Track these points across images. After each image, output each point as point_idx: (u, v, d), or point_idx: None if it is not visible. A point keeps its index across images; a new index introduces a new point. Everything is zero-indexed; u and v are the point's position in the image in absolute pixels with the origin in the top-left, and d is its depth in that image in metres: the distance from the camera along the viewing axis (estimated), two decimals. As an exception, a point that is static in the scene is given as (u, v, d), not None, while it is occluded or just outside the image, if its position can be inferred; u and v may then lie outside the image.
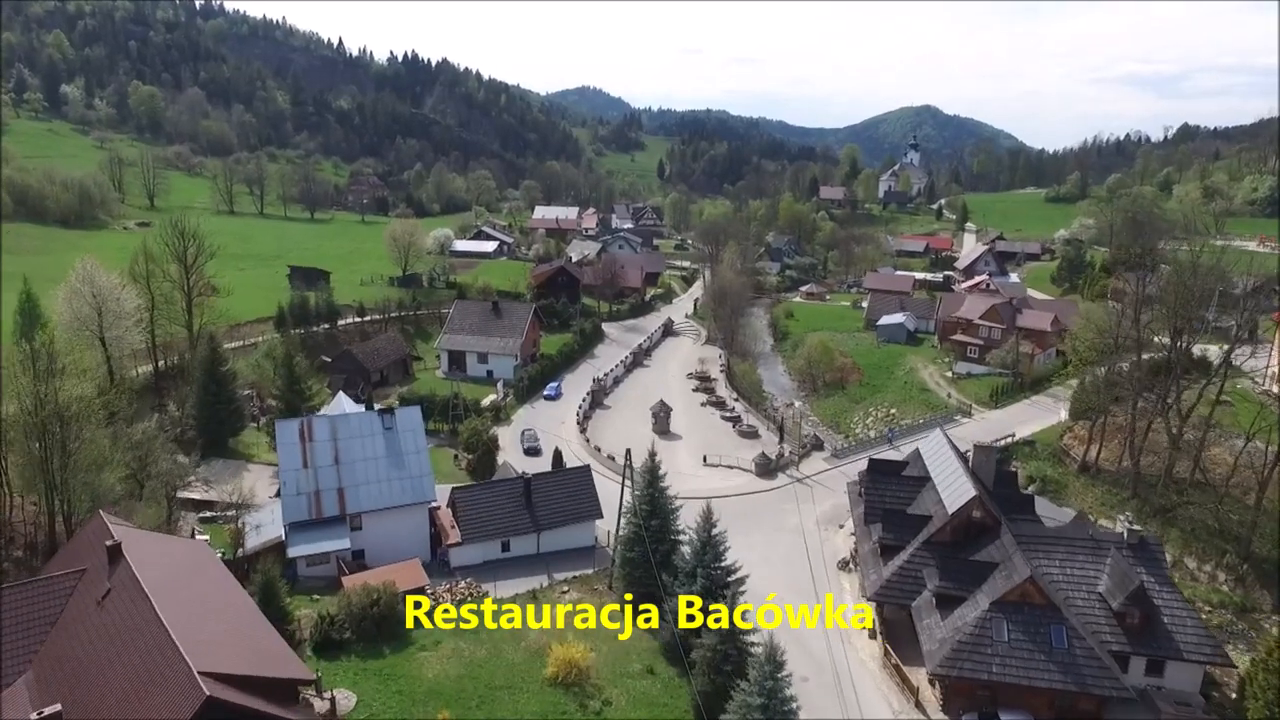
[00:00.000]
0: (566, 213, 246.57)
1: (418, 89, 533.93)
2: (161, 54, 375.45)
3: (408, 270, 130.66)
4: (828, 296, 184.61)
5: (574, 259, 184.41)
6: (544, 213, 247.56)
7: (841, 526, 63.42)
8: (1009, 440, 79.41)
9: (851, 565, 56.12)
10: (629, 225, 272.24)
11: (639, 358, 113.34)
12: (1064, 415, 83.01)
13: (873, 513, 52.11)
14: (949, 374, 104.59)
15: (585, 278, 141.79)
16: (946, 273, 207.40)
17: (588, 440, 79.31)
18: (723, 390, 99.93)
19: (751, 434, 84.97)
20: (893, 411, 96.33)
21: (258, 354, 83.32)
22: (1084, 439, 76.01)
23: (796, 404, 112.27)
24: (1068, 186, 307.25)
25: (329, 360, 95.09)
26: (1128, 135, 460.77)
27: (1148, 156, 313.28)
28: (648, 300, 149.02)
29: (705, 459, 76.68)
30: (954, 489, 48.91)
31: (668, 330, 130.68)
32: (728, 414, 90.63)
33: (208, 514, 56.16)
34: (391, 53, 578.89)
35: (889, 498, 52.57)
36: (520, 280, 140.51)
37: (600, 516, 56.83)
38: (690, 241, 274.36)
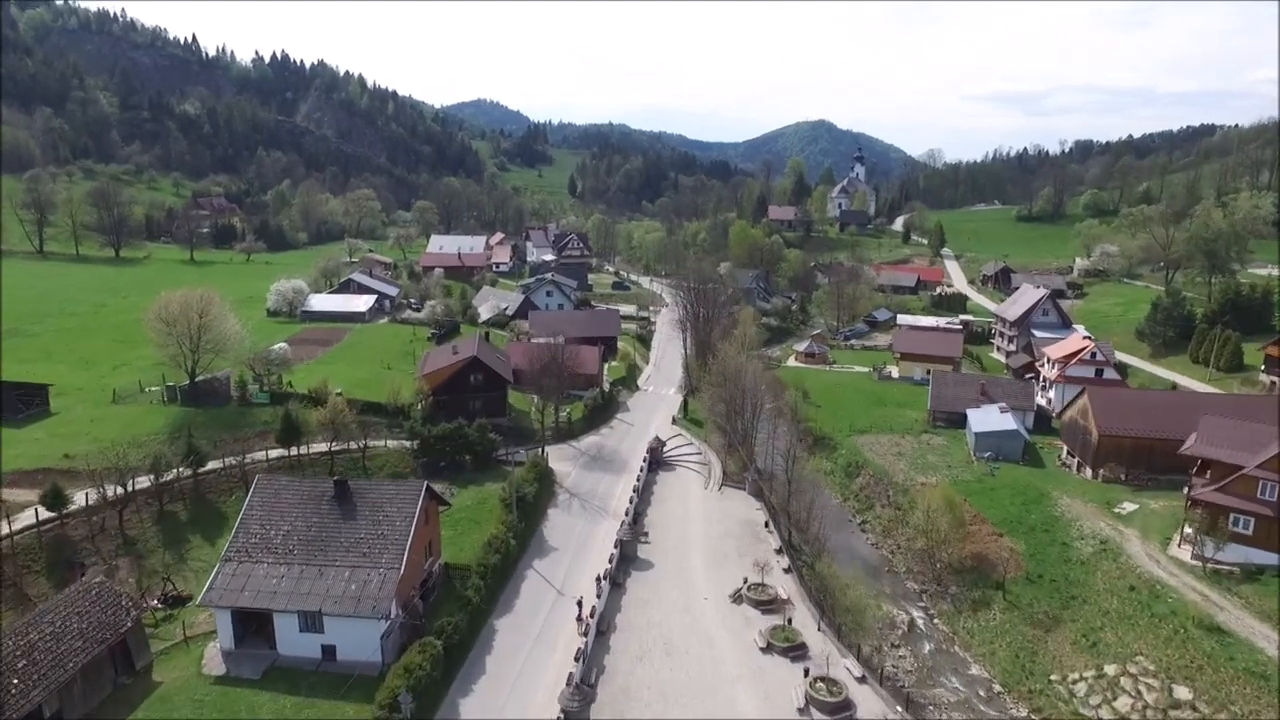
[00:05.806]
0: (472, 244, 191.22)
1: (288, 94, 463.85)
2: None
3: (198, 374, 73.53)
4: (831, 358, 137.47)
5: (485, 317, 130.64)
6: (442, 243, 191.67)
7: None
8: None
9: None
10: (550, 256, 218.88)
11: (630, 546, 60.83)
12: None
13: None
14: (1193, 559, 57.43)
15: (511, 362, 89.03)
16: (964, 317, 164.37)
17: None
18: (829, 643, 48.71)
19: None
20: (1175, 691, 47.49)
21: None
22: None
23: (918, 619, 62.78)
24: (1040, 204, 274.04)
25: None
26: (1025, 149, 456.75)
27: (1124, 170, 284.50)
28: (609, 391, 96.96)
29: None
30: None
31: (656, 459, 79.09)
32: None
33: None
34: (257, 53, 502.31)
35: None
36: (404, 375, 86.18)
37: None
38: (625, 273, 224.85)
